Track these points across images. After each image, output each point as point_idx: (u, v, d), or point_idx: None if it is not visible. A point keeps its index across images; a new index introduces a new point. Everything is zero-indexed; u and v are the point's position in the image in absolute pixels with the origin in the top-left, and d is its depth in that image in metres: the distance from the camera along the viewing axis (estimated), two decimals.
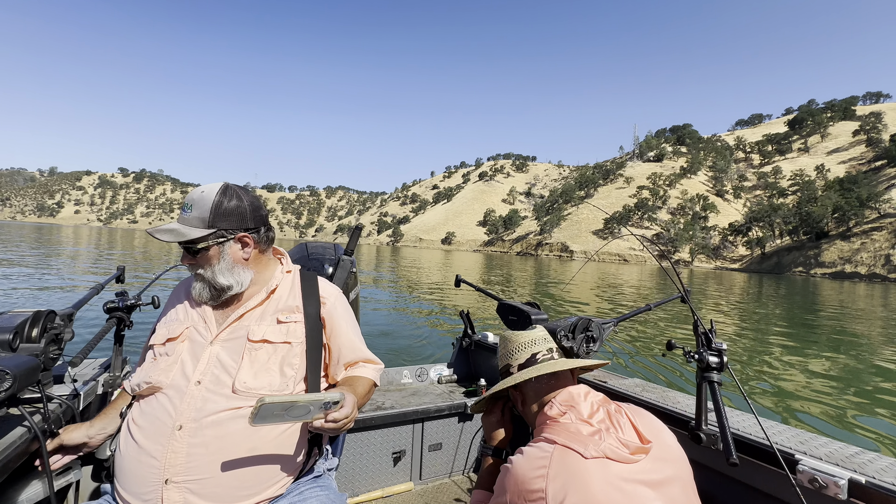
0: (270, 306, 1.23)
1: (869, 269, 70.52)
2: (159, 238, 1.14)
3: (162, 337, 1.15)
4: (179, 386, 1.07)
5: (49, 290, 12.12)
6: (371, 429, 2.31)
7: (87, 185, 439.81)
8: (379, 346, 8.11)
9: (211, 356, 1.11)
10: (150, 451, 1.01)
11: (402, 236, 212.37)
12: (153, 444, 1.01)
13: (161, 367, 1.10)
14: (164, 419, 1.03)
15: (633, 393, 1.91)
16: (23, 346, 1.28)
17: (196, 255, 1.17)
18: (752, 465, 1.38)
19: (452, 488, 2.49)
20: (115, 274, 2.21)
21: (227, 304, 1.21)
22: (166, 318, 1.22)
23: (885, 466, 1.20)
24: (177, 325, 1.17)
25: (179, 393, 1.06)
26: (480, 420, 1.92)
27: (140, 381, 1.10)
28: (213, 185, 1.19)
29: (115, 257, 26.94)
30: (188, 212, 1.16)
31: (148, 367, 1.12)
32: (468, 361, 3.06)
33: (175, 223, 1.16)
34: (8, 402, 1.10)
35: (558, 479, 1.00)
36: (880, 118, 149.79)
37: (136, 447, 1.02)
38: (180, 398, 1.05)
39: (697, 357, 1.31)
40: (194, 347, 1.13)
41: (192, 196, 1.17)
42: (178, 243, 1.15)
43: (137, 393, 1.11)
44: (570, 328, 2.15)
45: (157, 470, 0.99)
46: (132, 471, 1.01)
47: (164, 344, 1.14)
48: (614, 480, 0.98)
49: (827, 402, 6.10)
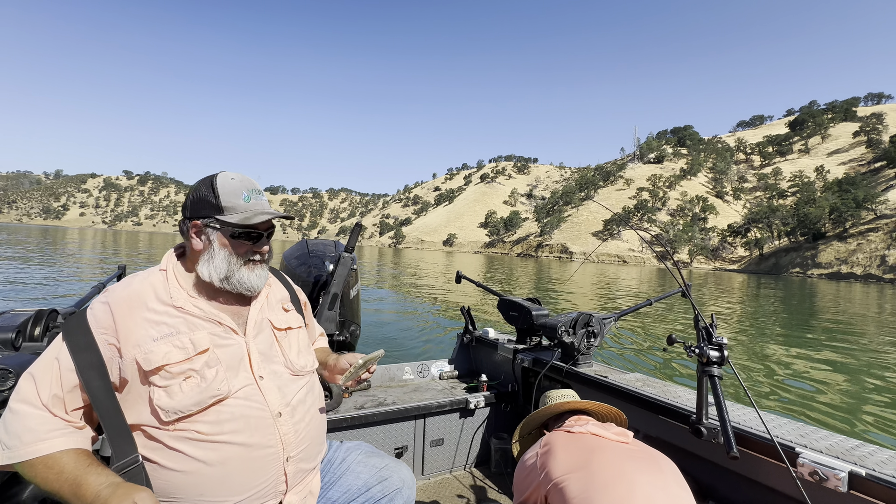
0: (272, 297, 1.29)
1: (864, 269, 70.97)
2: (270, 219, 1.18)
3: (181, 354, 1.04)
4: (247, 385, 1.10)
5: (51, 289, 12.26)
6: (373, 425, 2.31)
7: (92, 188, 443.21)
8: (380, 342, 8.24)
9: (254, 352, 1.14)
10: (263, 442, 1.07)
11: (403, 238, 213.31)
12: (263, 437, 1.08)
13: (214, 380, 1.05)
14: (259, 415, 1.08)
15: (634, 388, 1.90)
16: (25, 344, 1.25)
17: (267, 240, 1.20)
18: (753, 458, 1.38)
19: (454, 483, 2.51)
20: (117, 272, 2.23)
21: (239, 300, 1.19)
22: (158, 334, 1.04)
23: (884, 459, 1.20)
24: (187, 336, 1.06)
25: (253, 390, 1.10)
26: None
27: (192, 402, 1.02)
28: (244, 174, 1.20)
29: (118, 257, 27.18)
30: (264, 196, 1.19)
31: (191, 386, 1.03)
32: (469, 357, 3.10)
33: (268, 208, 1.19)
34: None
35: (545, 447, 1.30)
36: (881, 119, 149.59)
37: (242, 447, 1.05)
38: (259, 394, 1.10)
39: (698, 351, 1.30)
40: (231, 351, 1.11)
41: (255, 185, 1.18)
42: (262, 230, 1.18)
43: (187, 415, 1.02)
44: (570, 323, 2.23)
45: (277, 454, 1.09)
46: (242, 470, 1.04)
47: (190, 359, 1.04)
48: (594, 439, 1.24)
49: (827, 395, 6.15)
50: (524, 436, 1.70)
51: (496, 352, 2.85)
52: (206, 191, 1.13)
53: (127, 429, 1.01)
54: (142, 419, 1.02)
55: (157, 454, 1.01)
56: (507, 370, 2.74)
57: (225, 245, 1.13)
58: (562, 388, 1.71)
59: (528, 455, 1.39)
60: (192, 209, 1.14)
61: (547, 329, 2.41)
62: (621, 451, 1.22)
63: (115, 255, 30.94)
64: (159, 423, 1.01)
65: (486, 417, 2.71)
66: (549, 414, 1.58)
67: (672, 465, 1.22)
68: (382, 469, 1.32)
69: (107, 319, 1.03)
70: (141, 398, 1.02)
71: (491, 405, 2.69)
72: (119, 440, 0.99)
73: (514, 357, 2.60)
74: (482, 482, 2.53)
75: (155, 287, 1.10)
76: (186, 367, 1.04)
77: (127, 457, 0.99)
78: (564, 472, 1.19)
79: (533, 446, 1.42)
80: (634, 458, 1.20)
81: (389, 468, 1.32)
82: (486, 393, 2.65)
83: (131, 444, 1.00)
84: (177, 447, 1.01)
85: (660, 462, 1.21)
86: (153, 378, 1.02)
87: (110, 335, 1.02)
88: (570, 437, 1.33)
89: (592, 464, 1.18)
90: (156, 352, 1.02)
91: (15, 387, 1.01)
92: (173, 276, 1.14)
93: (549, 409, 1.55)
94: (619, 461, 1.18)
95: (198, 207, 1.13)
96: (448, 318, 11.40)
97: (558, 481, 1.18)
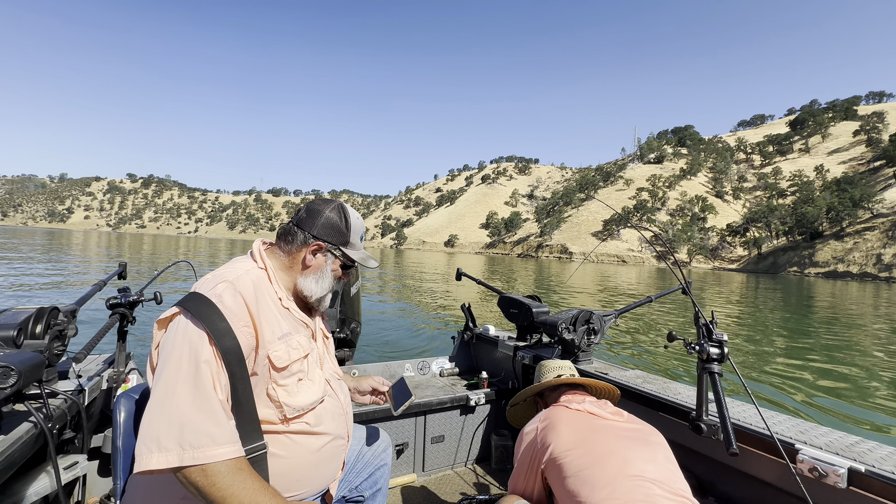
0: None
1: (860, 268, 71.49)
2: (375, 268, 1.31)
3: (296, 353, 1.12)
4: (326, 385, 1.22)
5: (52, 287, 12.44)
6: (373, 422, 2.32)
7: (96, 191, 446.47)
8: (381, 339, 8.34)
9: (324, 356, 1.29)
10: (342, 433, 1.24)
11: (405, 239, 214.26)
12: (342, 430, 1.24)
13: (319, 381, 1.18)
14: (340, 411, 1.24)
15: (635, 385, 1.91)
16: (27, 342, 1.27)
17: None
18: (753, 454, 1.38)
19: (455, 479, 2.51)
20: (118, 270, 2.25)
21: (308, 309, 1.27)
22: (280, 332, 1.10)
23: (884, 455, 1.21)
24: (295, 338, 1.14)
25: (330, 390, 1.24)
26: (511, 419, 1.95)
27: (310, 401, 1.12)
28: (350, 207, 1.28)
29: (123, 257, 27.69)
30: (364, 238, 1.30)
31: (306, 387, 1.13)
32: (470, 355, 3.10)
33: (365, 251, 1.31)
34: (13, 398, 1.10)
35: (545, 421, 1.39)
36: (882, 118, 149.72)
37: (331, 437, 1.18)
38: (334, 393, 1.25)
39: (698, 348, 1.32)
40: (315, 353, 1.22)
41: (362, 224, 1.29)
42: (349, 264, 1.29)
43: (304, 413, 1.11)
44: (571, 320, 2.24)
45: (346, 444, 1.27)
46: (328, 457, 1.18)
47: (300, 360, 1.13)
48: (592, 418, 1.35)
49: (827, 391, 6.17)
50: (519, 402, 1.81)
51: (497, 349, 2.86)
52: (338, 220, 1.21)
53: (256, 416, 1.03)
54: (265, 413, 1.06)
55: (273, 445, 1.07)
56: (508, 367, 2.77)
57: (336, 272, 1.24)
58: (559, 360, 1.78)
59: (527, 428, 1.46)
60: (320, 229, 1.19)
61: (547, 326, 2.43)
62: (616, 430, 1.29)
63: (118, 256, 31.34)
64: (283, 418, 1.08)
65: (487, 414, 2.73)
66: (546, 387, 1.65)
67: (661, 439, 1.30)
68: (368, 437, 1.50)
69: (239, 307, 1.03)
70: (262, 391, 1.06)
71: (491, 402, 2.71)
72: (249, 427, 1.01)
73: (515, 354, 2.62)
74: (483, 478, 2.55)
75: (263, 284, 1.14)
76: (298, 368, 1.12)
77: (254, 443, 1.02)
78: (563, 448, 1.25)
79: (532, 420, 1.48)
80: (628, 436, 1.27)
81: (372, 436, 1.51)
82: (487, 390, 2.68)
83: (259, 431, 1.03)
84: (288, 437, 1.10)
85: (650, 437, 1.29)
86: (277, 375, 1.07)
87: (247, 323, 1.03)
88: (569, 413, 1.39)
89: (589, 442, 1.24)
90: (281, 349, 1.07)
91: (16, 385, 1.02)
92: (274, 277, 1.17)
93: (547, 384, 1.63)
94: (614, 439, 1.25)
95: (328, 231, 1.20)
96: (449, 316, 11.44)
97: (556, 457, 1.25)
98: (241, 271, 1.11)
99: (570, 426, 1.32)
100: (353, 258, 1.23)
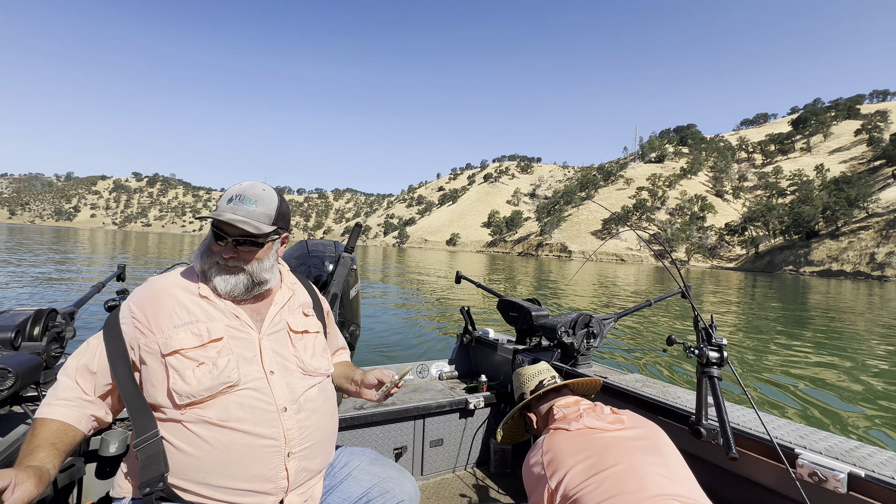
0: (294, 301, 1.35)
1: (854, 267, 72.40)
2: (236, 224, 1.13)
3: (196, 340, 1.11)
4: (258, 378, 1.14)
5: (51, 289, 12.30)
6: (372, 425, 2.29)
7: (102, 190, 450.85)
8: (380, 342, 8.31)
9: (266, 348, 1.19)
10: (266, 433, 1.11)
11: (407, 238, 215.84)
12: (266, 428, 1.11)
13: (225, 369, 1.11)
14: (265, 407, 1.12)
15: (634, 388, 1.90)
16: (25, 344, 1.27)
17: (246, 249, 1.19)
18: (753, 459, 1.38)
19: (454, 483, 2.48)
20: (116, 272, 2.22)
21: (256, 299, 1.25)
22: (179, 321, 1.12)
23: (884, 460, 1.21)
24: (205, 325, 1.13)
25: (262, 383, 1.14)
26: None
27: (203, 388, 1.08)
28: (263, 184, 1.24)
29: (126, 258, 27.40)
30: (253, 206, 1.18)
31: (203, 373, 1.09)
32: (469, 358, 3.07)
33: (243, 215, 1.16)
34: (10, 400, 1.10)
35: (549, 453, 1.34)
36: (885, 117, 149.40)
37: (246, 435, 1.09)
38: (267, 387, 1.14)
39: (698, 352, 1.31)
40: (244, 344, 1.16)
41: (255, 192, 1.20)
42: (231, 237, 1.16)
43: (199, 400, 1.08)
44: (570, 324, 2.26)
45: (278, 447, 1.12)
46: (243, 458, 1.09)
47: (204, 346, 1.11)
48: (595, 436, 1.33)
49: (827, 396, 6.11)
50: (509, 422, 1.78)
51: (496, 352, 2.87)
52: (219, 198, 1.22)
53: (147, 407, 1.09)
54: (158, 400, 1.09)
55: (171, 434, 1.08)
56: (507, 371, 2.75)
57: (210, 243, 1.20)
58: (533, 364, 1.76)
59: (532, 460, 1.39)
60: None
61: (546, 330, 2.44)
62: (623, 442, 1.26)
63: (122, 255, 31.63)
64: (173, 405, 1.08)
65: (486, 418, 2.71)
66: (528, 402, 1.63)
67: (666, 439, 1.31)
68: (385, 480, 1.28)
69: (136, 308, 1.15)
70: (158, 380, 1.09)
71: (491, 405, 2.69)
72: (141, 419, 1.08)
73: (514, 358, 2.61)
74: (482, 482, 2.53)
75: (184, 279, 1.20)
76: (200, 354, 1.10)
77: (147, 432, 1.07)
78: (576, 483, 1.20)
79: (534, 447, 1.42)
80: (637, 447, 1.24)
81: (393, 479, 1.29)
82: (486, 393, 2.66)
83: (151, 421, 1.08)
84: (188, 429, 1.08)
85: (657, 442, 1.28)
86: (170, 360, 1.09)
87: (139, 320, 1.13)
88: (570, 438, 1.34)
89: (600, 467, 1.20)
90: (174, 337, 1.11)
91: (13, 387, 1.08)
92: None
93: (532, 397, 1.62)
94: (624, 455, 1.22)
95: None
96: (448, 319, 11.37)
97: (570, 493, 1.20)
98: (165, 274, 1.24)
99: (575, 455, 1.28)
100: (204, 216, 1.17)
